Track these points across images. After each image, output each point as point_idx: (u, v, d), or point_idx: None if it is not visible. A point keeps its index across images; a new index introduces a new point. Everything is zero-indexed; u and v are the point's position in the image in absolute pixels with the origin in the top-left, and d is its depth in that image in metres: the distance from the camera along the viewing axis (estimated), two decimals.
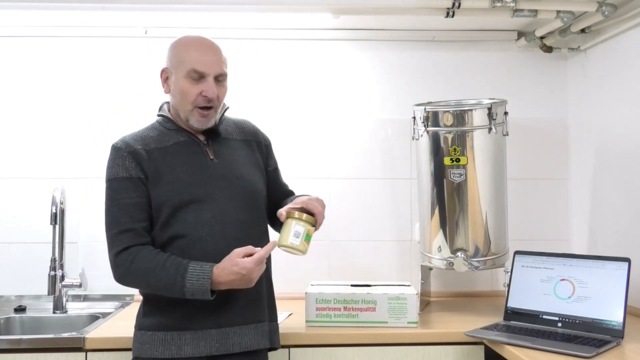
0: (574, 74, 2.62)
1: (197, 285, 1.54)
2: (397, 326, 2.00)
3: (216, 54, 1.69)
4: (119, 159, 1.66)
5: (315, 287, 2.13)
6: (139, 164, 1.65)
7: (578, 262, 1.97)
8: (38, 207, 2.52)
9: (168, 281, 1.56)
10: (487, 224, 2.18)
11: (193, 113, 1.67)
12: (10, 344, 1.90)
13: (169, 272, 1.56)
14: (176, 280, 1.55)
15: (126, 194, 1.63)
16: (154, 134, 1.72)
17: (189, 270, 1.55)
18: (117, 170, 1.65)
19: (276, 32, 2.57)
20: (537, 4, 2.21)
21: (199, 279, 1.54)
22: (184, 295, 1.56)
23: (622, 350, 1.72)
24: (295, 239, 1.62)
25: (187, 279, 1.54)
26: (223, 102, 1.75)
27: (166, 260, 1.58)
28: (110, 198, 1.65)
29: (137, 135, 1.72)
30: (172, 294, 1.58)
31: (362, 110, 2.63)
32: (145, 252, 1.60)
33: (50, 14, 2.43)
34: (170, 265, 1.57)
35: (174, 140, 1.71)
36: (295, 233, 1.63)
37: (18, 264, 2.51)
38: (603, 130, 2.41)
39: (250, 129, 1.87)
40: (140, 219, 1.63)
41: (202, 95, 1.66)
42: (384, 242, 2.61)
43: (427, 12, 2.24)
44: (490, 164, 2.17)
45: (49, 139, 2.55)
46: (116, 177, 1.65)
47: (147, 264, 1.58)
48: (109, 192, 1.66)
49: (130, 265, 1.59)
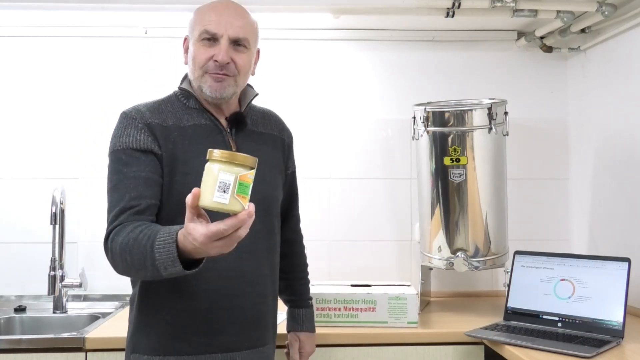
0: (574, 74, 2.62)
1: (165, 254, 1.18)
2: (397, 326, 2.00)
3: (235, 15, 1.47)
4: (132, 129, 1.42)
5: (315, 287, 2.12)
6: (156, 139, 1.42)
7: (578, 262, 1.97)
8: (38, 207, 2.52)
9: (141, 255, 1.22)
10: (487, 224, 2.18)
11: (205, 79, 1.45)
12: (10, 344, 1.89)
13: (141, 243, 1.23)
14: (146, 251, 1.21)
15: (137, 167, 1.38)
16: (171, 109, 1.49)
17: (158, 237, 1.20)
18: (128, 141, 1.41)
19: (276, 32, 2.57)
20: (537, 4, 2.21)
21: (165, 245, 1.18)
22: (159, 271, 1.20)
23: (622, 350, 1.72)
24: (220, 195, 1.08)
25: (155, 248, 1.19)
26: (248, 76, 1.52)
27: (142, 230, 1.25)
28: (116, 171, 1.39)
29: (152, 106, 1.48)
30: (148, 274, 1.23)
31: (362, 110, 2.63)
32: (131, 227, 1.29)
33: (50, 14, 2.43)
34: (144, 235, 1.23)
35: (193, 121, 1.48)
36: (222, 185, 1.08)
37: (18, 264, 2.51)
38: (603, 130, 2.41)
39: (277, 123, 1.67)
40: (149, 195, 1.37)
41: (213, 60, 1.44)
42: (384, 242, 2.61)
43: (427, 12, 2.24)
44: (490, 164, 2.17)
45: (49, 139, 2.55)
46: (126, 147, 1.40)
47: (125, 238, 1.27)
48: (115, 165, 1.40)
49: (111, 244, 1.30)
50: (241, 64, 1.47)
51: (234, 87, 1.48)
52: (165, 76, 2.57)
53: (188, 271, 1.19)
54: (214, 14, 1.45)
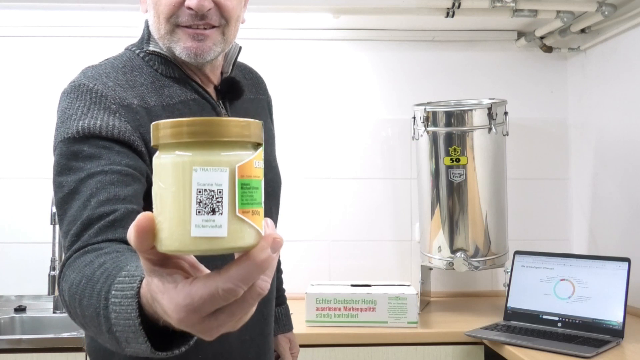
0: (574, 73, 2.62)
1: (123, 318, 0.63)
2: (397, 326, 2.00)
3: None
4: (99, 111, 0.96)
5: (315, 287, 2.12)
6: (138, 129, 0.97)
7: (578, 262, 1.97)
8: (38, 207, 2.51)
9: (93, 310, 0.69)
10: (487, 224, 2.18)
11: (176, 37, 1.03)
12: (10, 344, 1.89)
13: (95, 286, 0.71)
14: (99, 304, 0.68)
15: (106, 159, 0.92)
16: (145, 81, 1.05)
17: (117, 280, 0.66)
18: (93, 125, 0.94)
19: (276, 32, 2.57)
20: (537, 4, 2.21)
21: (123, 300, 0.63)
22: (119, 344, 0.65)
23: (622, 350, 1.72)
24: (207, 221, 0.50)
25: (111, 302, 0.65)
26: (238, 24, 1.09)
27: (104, 263, 0.74)
28: (72, 170, 0.93)
29: (119, 77, 1.03)
30: (108, 343, 0.69)
31: (362, 110, 2.63)
32: (92, 255, 0.79)
33: (50, 14, 2.43)
34: (102, 273, 0.71)
35: (178, 96, 1.06)
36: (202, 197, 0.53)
37: (18, 264, 2.51)
38: (603, 130, 2.40)
39: (259, 81, 1.30)
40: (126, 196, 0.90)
41: (185, 6, 1.00)
42: (384, 242, 2.61)
43: (427, 12, 2.24)
44: (490, 164, 2.17)
45: (49, 139, 2.54)
46: (89, 133, 0.93)
47: (78, 275, 0.76)
48: (69, 161, 0.94)
49: (62, 284, 0.80)
50: (229, 6, 1.03)
51: (222, 44, 1.05)
52: None
53: (163, 353, 0.62)
54: None
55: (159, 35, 1.06)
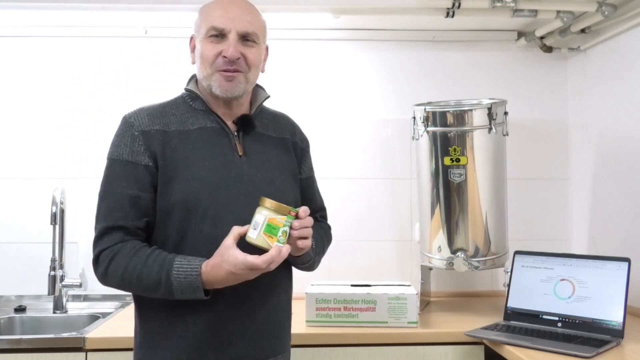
0: (574, 73, 2.62)
1: (186, 283, 1.31)
2: (397, 326, 2.00)
3: (243, 10, 1.43)
4: (128, 138, 1.41)
5: (315, 287, 2.13)
6: (149, 148, 1.39)
7: (578, 262, 1.98)
8: (38, 207, 2.52)
9: (152, 280, 1.32)
10: (487, 224, 2.18)
11: (214, 78, 1.42)
12: (10, 344, 1.89)
13: (152, 269, 1.32)
14: (161, 279, 1.32)
15: (126, 182, 1.38)
16: (177, 112, 1.46)
17: (175, 267, 1.31)
18: (122, 151, 1.41)
19: (276, 32, 2.55)
20: (537, 4, 2.21)
21: (187, 276, 1.31)
22: (173, 295, 1.32)
23: (622, 350, 1.72)
24: (252, 231, 1.32)
25: (173, 276, 1.31)
26: (258, 71, 1.49)
27: (149, 256, 1.34)
28: (107, 182, 1.41)
29: (156, 109, 1.46)
30: (159, 295, 1.34)
31: (362, 110, 2.63)
32: (128, 248, 1.36)
33: (50, 14, 2.43)
34: (154, 262, 1.33)
35: (198, 124, 1.44)
36: (255, 224, 1.32)
37: (18, 264, 2.51)
38: (603, 130, 2.41)
39: (288, 125, 1.60)
40: (135, 216, 1.38)
41: (222, 56, 1.40)
42: (384, 242, 2.61)
43: (427, 12, 2.24)
44: (490, 164, 2.17)
45: (49, 139, 2.55)
46: (119, 158, 1.40)
47: (128, 261, 1.34)
48: (108, 173, 1.42)
49: (110, 263, 1.36)
50: (252, 58, 1.43)
51: (245, 84, 1.44)
52: (165, 76, 2.57)
53: (206, 297, 1.34)
54: (220, 10, 1.42)
55: (202, 77, 1.45)
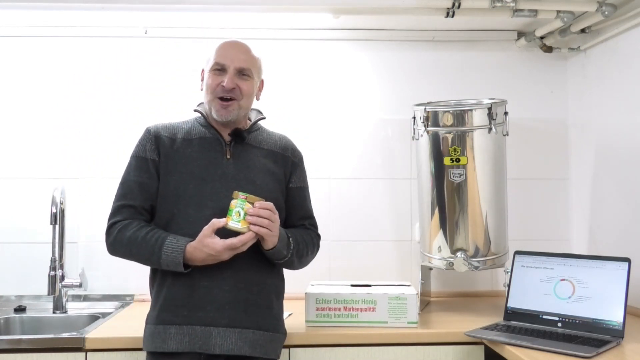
0: (574, 73, 2.62)
1: (172, 257, 1.65)
2: (397, 326, 2.00)
3: (240, 50, 1.81)
4: (145, 140, 1.81)
5: (315, 287, 2.13)
6: (157, 148, 1.79)
7: (578, 262, 1.98)
8: (38, 207, 2.52)
9: (147, 251, 1.68)
10: (487, 224, 2.18)
11: (214, 103, 1.78)
12: (10, 344, 1.90)
13: (149, 243, 1.68)
14: (154, 251, 1.67)
15: (138, 172, 1.78)
16: (186, 127, 1.85)
17: (166, 243, 1.67)
18: (139, 150, 1.81)
19: (276, 32, 2.57)
20: (537, 4, 2.21)
21: (173, 252, 1.65)
22: (160, 265, 1.68)
23: (622, 350, 1.72)
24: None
25: (163, 251, 1.66)
26: (251, 99, 1.83)
27: (148, 233, 1.70)
28: (126, 172, 1.80)
29: (170, 124, 1.86)
30: (151, 264, 1.73)
31: (362, 110, 2.63)
32: (134, 225, 1.72)
33: (50, 14, 2.44)
34: (151, 237, 1.69)
35: (200, 135, 1.82)
36: (234, 214, 1.65)
37: (18, 264, 2.51)
38: (603, 130, 2.41)
39: (281, 143, 1.90)
40: (142, 198, 1.76)
41: (221, 85, 1.76)
42: (384, 242, 2.61)
43: (427, 12, 2.24)
44: (490, 164, 2.17)
45: (49, 139, 2.55)
46: (137, 155, 1.80)
47: (132, 234, 1.71)
48: (128, 167, 1.81)
49: (117, 234, 1.72)
50: (245, 89, 1.78)
51: (238, 110, 1.79)
52: (165, 76, 2.57)
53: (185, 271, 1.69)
54: (223, 50, 1.80)
55: (206, 101, 1.81)
